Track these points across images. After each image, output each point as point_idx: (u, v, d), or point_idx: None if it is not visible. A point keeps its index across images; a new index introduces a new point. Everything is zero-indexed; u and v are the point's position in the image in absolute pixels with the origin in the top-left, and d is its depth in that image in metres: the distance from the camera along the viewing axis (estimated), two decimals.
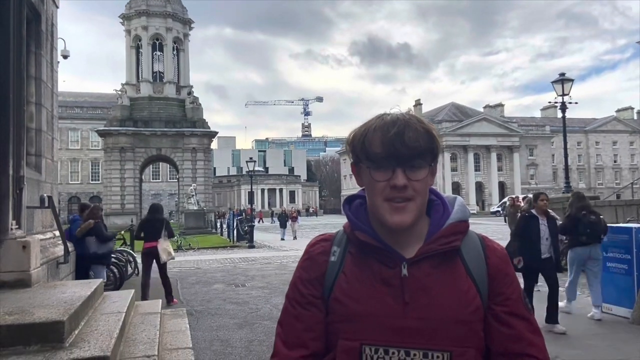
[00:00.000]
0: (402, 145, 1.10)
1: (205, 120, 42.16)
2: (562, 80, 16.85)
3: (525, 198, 14.71)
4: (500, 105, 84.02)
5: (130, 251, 12.82)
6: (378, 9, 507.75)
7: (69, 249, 6.48)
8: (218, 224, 35.17)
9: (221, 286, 11.06)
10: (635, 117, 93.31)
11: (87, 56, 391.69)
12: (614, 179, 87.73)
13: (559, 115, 17.93)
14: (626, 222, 10.43)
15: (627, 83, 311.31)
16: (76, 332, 3.79)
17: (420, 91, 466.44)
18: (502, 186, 75.60)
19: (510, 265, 1.22)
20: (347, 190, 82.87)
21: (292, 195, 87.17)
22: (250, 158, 32.26)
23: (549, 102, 19.47)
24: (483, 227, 27.95)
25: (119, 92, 41.63)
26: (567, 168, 18.20)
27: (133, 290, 6.25)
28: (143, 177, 45.04)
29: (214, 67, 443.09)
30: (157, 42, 42.48)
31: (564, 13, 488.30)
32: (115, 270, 9.60)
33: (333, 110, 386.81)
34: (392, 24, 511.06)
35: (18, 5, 5.21)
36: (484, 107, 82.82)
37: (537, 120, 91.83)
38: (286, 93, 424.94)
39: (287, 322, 1.24)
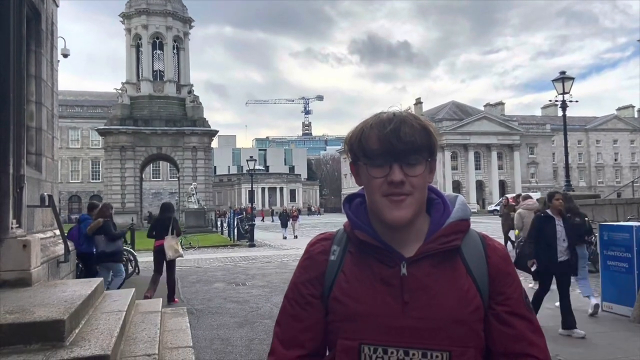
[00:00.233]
0: (398, 141, 1.10)
1: (205, 119, 42.16)
2: (563, 78, 16.84)
3: (518, 196, 14.52)
4: (501, 103, 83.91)
5: (131, 250, 12.81)
6: (379, 7, 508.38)
7: (69, 248, 6.47)
8: (218, 223, 35.14)
9: (222, 285, 11.07)
10: (636, 116, 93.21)
11: (88, 55, 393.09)
12: (614, 178, 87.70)
13: (560, 113, 17.92)
14: (626, 221, 10.42)
15: (628, 81, 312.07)
16: (77, 330, 3.79)
17: (420, 90, 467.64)
18: (502, 185, 75.55)
19: (512, 264, 1.21)
20: (348, 189, 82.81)
21: (293, 194, 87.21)
22: (251, 157, 32.30)
23: (550, 101, 19.46)
24: (483, 226, 27.91)
25: (119, 91, 41.63)
26: (567, 166, 18.18)
27: (133, 289, 6.25)
28: (143, 175, 45.06)
29: (214, 65, 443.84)
30: (158, 41, 42.46)
31: (564, 11, 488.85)
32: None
33: (333, 108, 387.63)
34: (392, 22, 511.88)
35: (18, 4, 5.21)
36: (485, 106, 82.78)
37: (537, 118, 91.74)
38: (286, 92, 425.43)
39: (285, 322, 1.23)
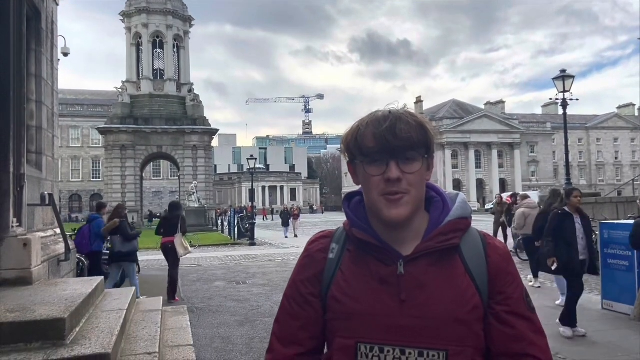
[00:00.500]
0: (393, 138, 1.09)
1: (205, 117, 42.16)
2: (563, 76, 16.83)
3: (513, 196, 14.39)
4: (501, 102, 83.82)
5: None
6: (379, 6, 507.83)
7: (70, 247, 6.48)
8: (219, 222, 35.14)
9: (222, 283, 11.08)
10: (637, 114, 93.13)
11: (88, 54, 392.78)
12: (615, 176, 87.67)
13: (560, 112, 17.88)
14: (627, 219, 10.43)
15: (628, 79, 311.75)
16: (77, 329, 3.80)
17: (420, 88, 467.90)
18: (503, 183, 75.49)
19: (513, 264, 1.19)
20: (348, 188, 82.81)
21: (293, 192, 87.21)
22: (251, 155, 32.30)
23: (550, 99, 19.43)
24: (484, 225, 27.82)
25: (120, 90, 41.65)
26: (568, 165, 18.16)
27: (134, 288, 6.27)
28: (144, 174, 45.07)
29: (214, 64, 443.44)
30: (158, 40, 42.45)
31: (564, 9, 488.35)
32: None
33: (334, 107, 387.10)
34: (392, 20, 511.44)
35: (18, 3, 5.20)
36: (485, 104, 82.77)
37: (538, 117, 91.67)
38: (287, 90, 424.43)
39: (284, 320, 1.24)
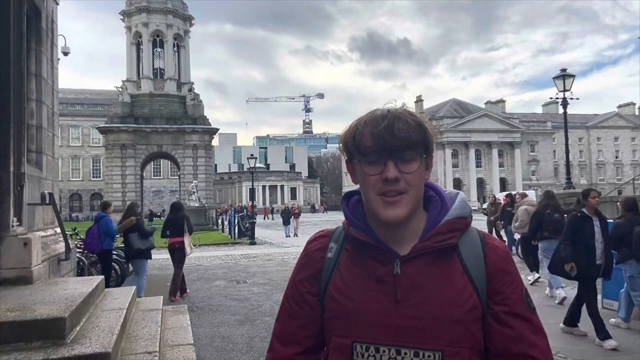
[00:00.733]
0: (392, 137, 1.08)
1: (206, 117, 42.15)
2: (564, 76, 16.83)
3: (508, 195, 14.24)
4: (502, 101, 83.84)
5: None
6: (379, 5, 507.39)
7: (70, 246, 6.48)
8: (219, 221, 35.14)
9: (222, 283, 11.08)
10: (637, 113, 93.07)
11: (88, 53, 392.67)
12: (615, 175, 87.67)
13: (560, 111, 17.89)
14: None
15: (629, 78, 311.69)
16: (77, 328, 3.80)
17: (421, 87, 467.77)
18: (503, 182, 75.49)
19: (512, 264, 1.18)
20: (349, 187, 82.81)
21: (293, 191, 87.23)
22: (252, 155, 32.37)
23: (550, 98, 19.41)
24: (483, 224, 27.84)
25: (120, 89, 41.62)
26: (568, 164, 18.16)
27: (134, 287, 6.27)
28: (144, 173, 45.08)
29: (214, 63, 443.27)
30: (158, 39, 42.43)
31: (564, 8, 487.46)
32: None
33: (334, 106, 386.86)
34: (392, 19, 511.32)
35: (18, 2, 5.20)
36: (485, 103, 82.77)
37: (538, 116, 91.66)
38: (287, 89, 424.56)
39: (283, 319, 1.25)
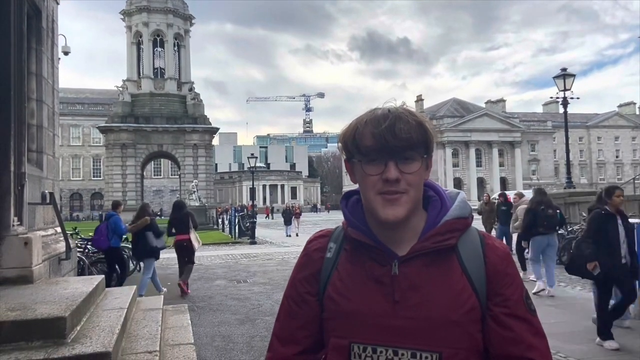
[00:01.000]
0: (393, 138, 1.07)
1: (206, 116, 42.17)
2: (564, 75, 16.82)
3: (501, 195, 14.04)
4: (502, 100, 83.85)
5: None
6: (379, 4, 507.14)
7: (71, 246, 6.49)
8: (220, 220, 35.12)
9: (223, 282, 11.08)
10: (638, 112, 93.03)
11: (88, 52, 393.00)
12: (615, 175, 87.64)
13: (561, 110, 17.87)
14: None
15: (629, 78, 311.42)
16: (78, 328, 3.80)
17: (421, 86, 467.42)
18: (503, 182, 75.48)
19: (512, 265, 1.16)
20: (349, 186, 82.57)
21: (294, 191, 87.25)
22: (252, 154, 32.36)
23: (551, 98, 19.38)
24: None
25: (120, 89, 41.67)
26: (568, 163, 18.16)
27: (135, 287, 6.27)
28: (144, 173, 45.11)
29: (214, 63, 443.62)
30: (158, 38, 42.47)
31: (564, 7, 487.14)
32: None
33: (334, 106, 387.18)
34: (392, 19, 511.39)
35: (19, 1, 5.20)
36: (486, 103, 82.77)
37: (538, 115, 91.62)
38: (287, 89, 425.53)
39: (283, 319, 1.25)
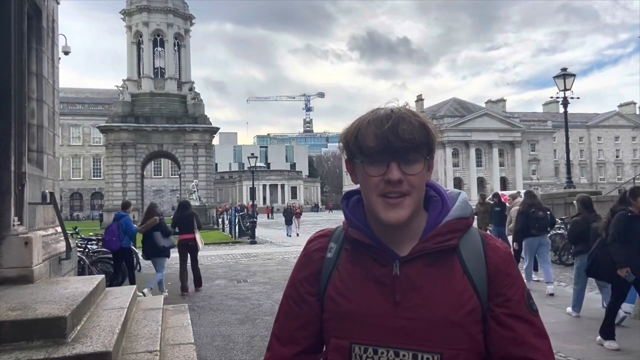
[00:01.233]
0: (396, 139, 1.06)
1: (206, 116, 42.14)
2: (564, 75, 16.81)
3: (495, 196, 13.92)
4: (502, 100, 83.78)
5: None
6: (379, 4, 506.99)
7: (71, 245, 6.49)
8: (220, 220, 35.12)
9: (223, 282, 11.09)
10: (638, 112, 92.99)
11: (88, 52, 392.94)
12: (615, 174, 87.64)
13: (561, 110, 17.86)
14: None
15: (630, 78, 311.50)
16: (78, 327, 3.80)
17: (421, 86, 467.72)
18: (503, 181, 75.47)
19: (514, 265, 1.16)
20: (349, 186, 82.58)
21: (294, 191, 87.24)
22: (252, 154, 32.35)
23: (551, 97, 19.35)
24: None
25: (120, 88, 41.62)
26: (568, 163, 18.16)
27: (135, 286, 6.28)
28: (145, 173, 45.07)
29: (214, 62, 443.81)
30: (158, 38, 42.40)
31: (564, 7, 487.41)
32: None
33: (334, 105, 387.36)
34: (392, 19, 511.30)
35: (19, 1, 5.20)
36: (486, 103, 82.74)
37: (538, 115, 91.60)
38: (287, 89, 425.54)
39: (283, 319, 1.24)
